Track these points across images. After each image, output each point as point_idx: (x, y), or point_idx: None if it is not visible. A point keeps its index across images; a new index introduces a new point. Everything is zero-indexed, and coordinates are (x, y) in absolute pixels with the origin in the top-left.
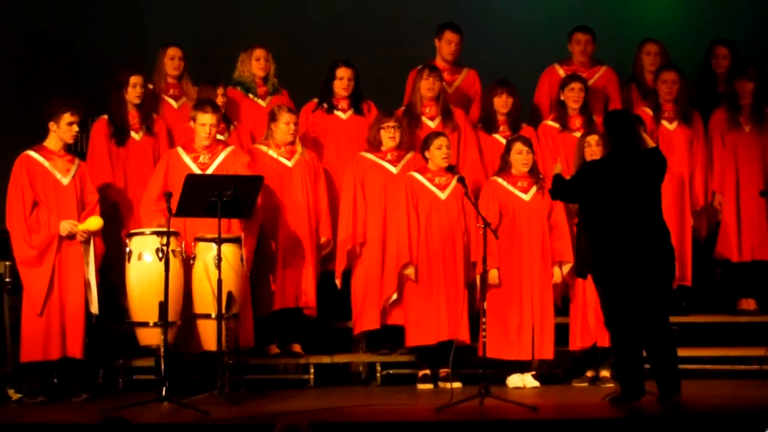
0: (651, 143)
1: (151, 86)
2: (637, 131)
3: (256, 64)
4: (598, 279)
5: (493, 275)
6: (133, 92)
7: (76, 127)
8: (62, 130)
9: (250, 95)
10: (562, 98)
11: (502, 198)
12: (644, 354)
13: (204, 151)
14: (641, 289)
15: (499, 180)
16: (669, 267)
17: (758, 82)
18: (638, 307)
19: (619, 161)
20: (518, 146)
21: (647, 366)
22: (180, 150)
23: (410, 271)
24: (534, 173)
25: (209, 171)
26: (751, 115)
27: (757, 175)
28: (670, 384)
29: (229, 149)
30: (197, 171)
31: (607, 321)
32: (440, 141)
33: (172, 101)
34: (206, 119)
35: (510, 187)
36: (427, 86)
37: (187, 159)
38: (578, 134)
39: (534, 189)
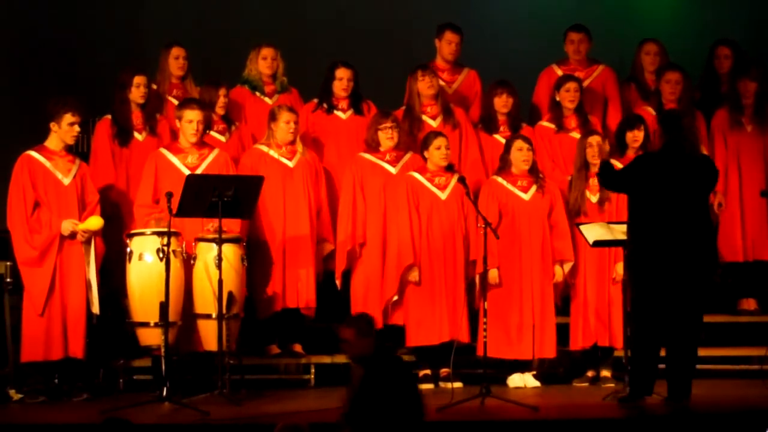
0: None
1: (155, 87)
2: (683, 135)
3: (263, 62)
4: (635, 270)
5: (493, 275)
6: (137, 92)
7: (77, 128)
8: (63, 130)
9: (257, 93)
10: (557, 99)
11: (501, 197)
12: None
13: (192, 150)
14: (679, 285)
15: (499, 179)
16: (710, 265)
17: (761, 82)
18: (673, 304)
19: (670, 158)
20: (518, 143)
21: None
22: (165, 151)
23: (414, 274)
24: (534, 172)
25: (198, 172)
26: (753, 115)
27: (759, 175)
28: (683, 386)
29: (216, 152)
30: (186, 172)
31: (634, 315)
32: (439, 141)
33: (176, 102)
34: (194, 116)
35: (510, 187)
36: (425, 86)
37: (175, 160)
38: (574, 134)
39: (534, 188)
